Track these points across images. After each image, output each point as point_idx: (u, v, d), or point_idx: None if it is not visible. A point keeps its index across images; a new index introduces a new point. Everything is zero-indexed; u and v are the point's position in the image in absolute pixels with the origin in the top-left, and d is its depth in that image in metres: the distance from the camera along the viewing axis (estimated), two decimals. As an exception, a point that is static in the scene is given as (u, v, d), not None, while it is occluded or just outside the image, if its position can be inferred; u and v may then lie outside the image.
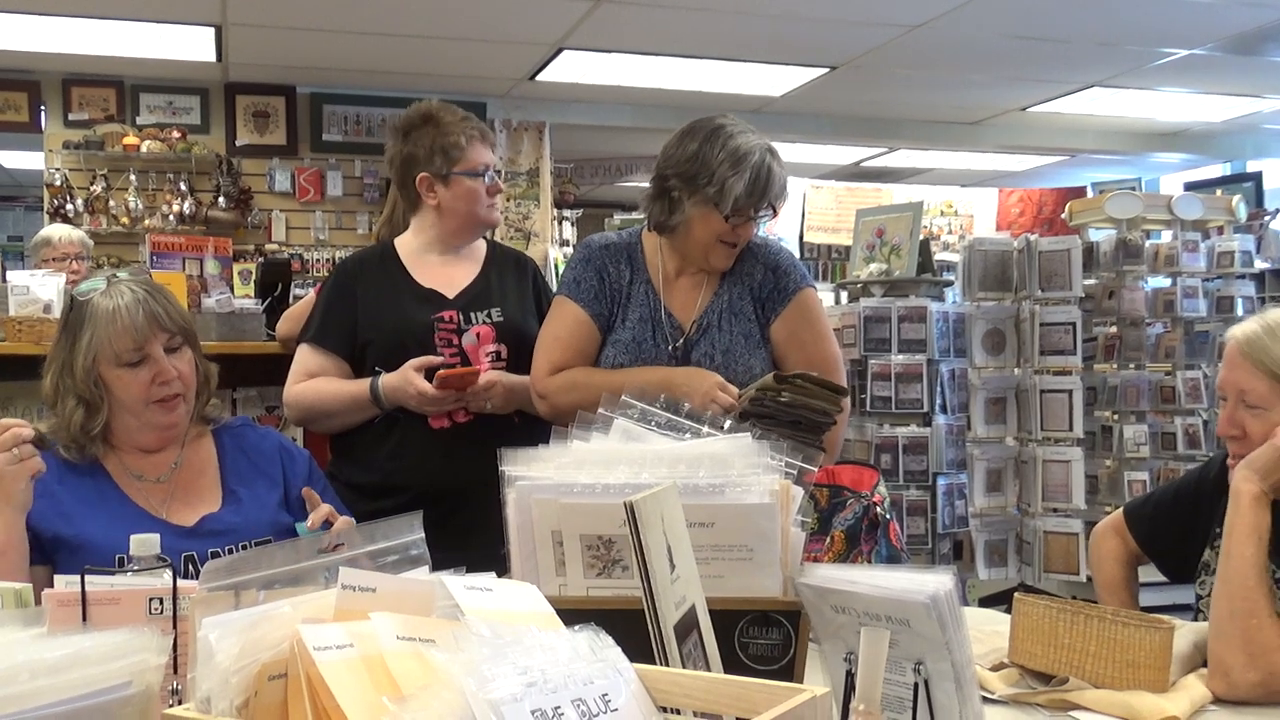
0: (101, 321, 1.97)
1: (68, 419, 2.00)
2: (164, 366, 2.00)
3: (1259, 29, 6.11)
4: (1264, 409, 1.80)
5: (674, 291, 2.43)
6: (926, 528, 4.86)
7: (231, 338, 3.36)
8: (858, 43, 6.38)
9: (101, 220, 6.80)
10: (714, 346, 2.37)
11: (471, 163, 2.62)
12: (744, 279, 2.42)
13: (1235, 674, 1.62)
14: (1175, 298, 5.50)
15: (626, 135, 8.42)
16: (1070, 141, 8.97)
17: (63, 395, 2.01)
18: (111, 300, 1.98)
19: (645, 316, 2.40)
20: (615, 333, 2.41)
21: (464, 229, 2.68)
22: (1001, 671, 1.69)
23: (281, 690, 0.96)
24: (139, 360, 1.99)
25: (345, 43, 6.32)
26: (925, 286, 4.99)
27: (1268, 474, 1.73)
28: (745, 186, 2.27)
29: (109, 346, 1.97)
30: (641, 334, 2.39)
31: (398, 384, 2.50)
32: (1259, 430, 1.80)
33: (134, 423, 2.03)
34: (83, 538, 1.92)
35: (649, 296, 2.42)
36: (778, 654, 1.39)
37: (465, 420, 2.57)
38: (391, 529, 1.22)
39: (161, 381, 2.00)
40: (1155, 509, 2.17)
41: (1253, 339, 1.82)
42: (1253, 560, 1.69)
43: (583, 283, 2.43)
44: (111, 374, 1.99)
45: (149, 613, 1.27)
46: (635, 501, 1.15)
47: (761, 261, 2.43)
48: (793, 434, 2.13)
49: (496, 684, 0.86)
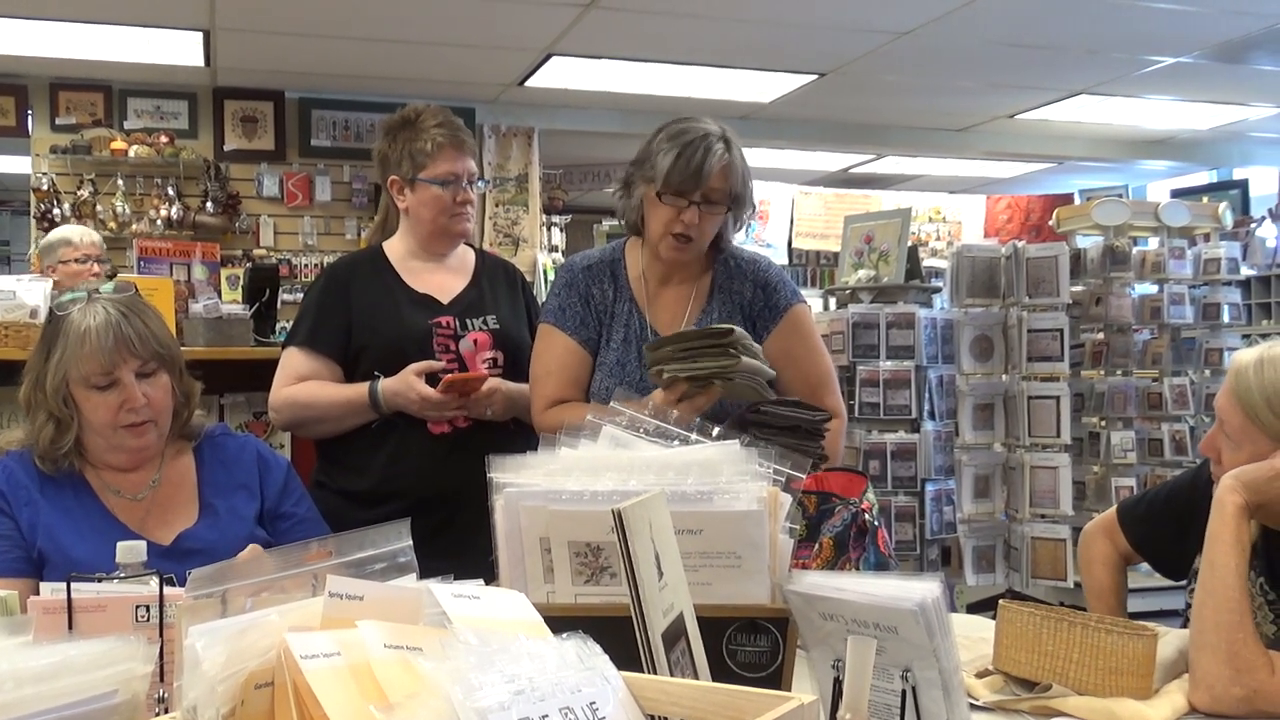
0: (72, 341, 1.92)
1: (38, 433, 1.96)
2: (132, 394, 1.94)
3: (1245, 37, 6.15)
4: (1236, 443, 1.82)
5: (658, 307, 2.37)
6: (915, 534, 4.87)
7: (219, 343, 3.35)
8: (846, 49, 6.40)
9: (89, 225, 6.76)
10: None
11: (438, 170, 2.56)
12: (733, 296, 2.36)
13: (1219, 688, 1.62)
14: (1162, 304, 5.52)
15: (615, 141, 8.42)
16: (1057, 148, 9.00)
17: (34, 409, 1.97)
18: (85, 319, 1.92)
19: (629, 337, 2.35)
20: (601, 354, 2.36)
21: (432, 236, 2.63)
22: (987, 678, 1.70)
23: (268, 699, 0.95)
24: (107, 384, 1.93)
25: (334, 48, 6.32)
26: (913, 293, 5.00)
27: (1254, 490, 1.73)
28: (673, 161, 2.21)
29: (77, 368, 1.92)
30: (625, 355, 2.33)
31: (398, 389, 2.47)
32: (1229, 460, 1.82)
33: (103, 443, 1.99)
34: (64, 553, 1.89)
35: (633, 314, 2.36)
36: (766, 661, 1.39)
37: (465, 426, 2.55)
38: (379, 536, 1.22)
39: (129, 408, 1.94)
40: (1149, 509, 2.17)
41: (1242, 372, 1.83)
42: (1236, 571, 1.69)
43: (567, 310, 2.37)
44: (80, 394, 1.95)
45: (135, 620, 1.27)
46: (623, 509, 1.15)
47: (751, 279, 2.38)
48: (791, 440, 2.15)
49: (484, 692, 0.85)
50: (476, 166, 2.69)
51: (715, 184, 2.24)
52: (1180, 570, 2.08)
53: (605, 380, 2.31)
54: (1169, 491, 2.16)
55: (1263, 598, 1.82)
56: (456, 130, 2.61)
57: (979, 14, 5.70)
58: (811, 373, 2.35)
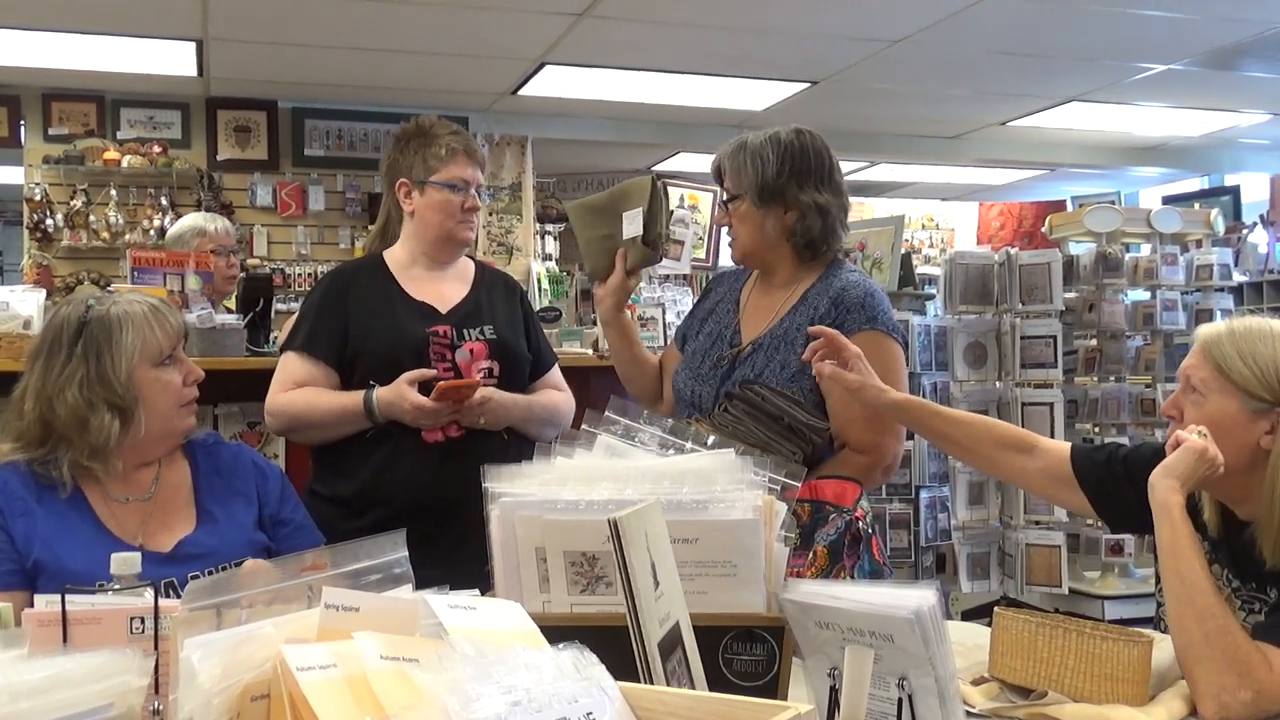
0: (134, 326, 1.99)
1: (104, 432, 1.95)
2: (191, 365, 2.08)
3: (1235, 45, 6.17)
4: (1202, 395, 1.82)
5: (750, 312, 2.46)
6: (909, 541, 4.88)
7: (213, 353, 3.34)
8: (839, 58, 6.42)
9: (82, 235, 6.76)
10: (751, 369, 2.33)
11: (449, 175, 2.61)
12: (811, 310, 2.35)
13: (1227, 695, 1.61)
14: (1155, 310, 5.53)
15: (609, 150, 8.44)
16: (1050, 155, 9.03)
17: (94, 408, 1.94)
18: (126, 308, 2.00)
19: (718, 332, 2.46)
20: (689, 344, 2.52)
21: (438, 242, 2.66)
22: (982, 686, 1.70)
23: (264, 711, 0.95)
24: (172, 360, 2.04)
25: (327, 57, 6.32)
26: (907, 300, 5.02)
27: (1188, 479, 1.74)
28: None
29: (149, 346, 2.00)
30: (704, 345, 2.46)
31: (392, 398, 2.48)
32: (1192, 416, 1.82)
33: (160, 429, 2.03)
34: (59, 564, 1.88)
35: (729, 315, 2.48)
36: (762, 670, 1.39)
37: (458, 435, 2.56)
38: (375, 548, 1.22)
39: (192, 380, 2.07)
40: (1109, 459, 2.09)
41: (1211, 333, 1.85)
42: (1204, 573, 1.69)
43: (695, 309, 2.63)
44: (149, 377, 2.00)
45: (130, 633, 1.27)
46: (619, 519, 1.15)
47: (830, 296, 2.34)
48: (768, 431, 2.17)
49: (481, 703, 0.85)
50: (484, 181, 2.75)
51: (728, 184, 2.39)
52: (1120, 522, 2.06)
53: (682, 368, 2.48)
54: (1128, 453, 2.11)
55: (1229, 589, 1.82)
56: (469, 140, 2.69)
57: (971, 22, 5.72)
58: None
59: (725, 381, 2.35)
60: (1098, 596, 5.23)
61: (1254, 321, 1.84)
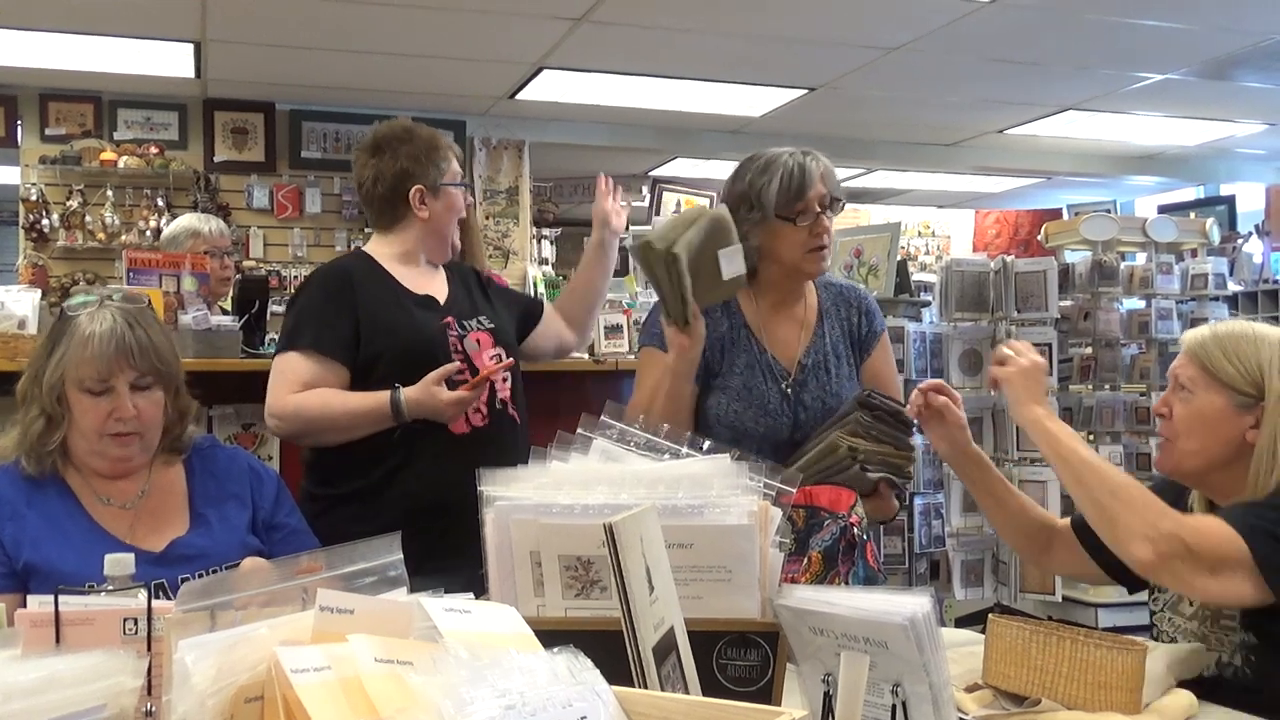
0: (75, 343, 1.94)
1: (28, 427, 1.98)
2: (123, 404, 1.96)
3: (1231, 55, 6.19)
4: (1190, 392, 1.91)
5: (773, 335, 2.46)
6: (904, 547, 4.88)
7: (208, 355, 3.34)
8: (836, 64, 6.43)
9: (78, 236, 6.76)
10: (825, 389, 2.42)
11: (455, 173, 2.73)
12: (840, 322, 2.51)
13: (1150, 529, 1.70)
14: (1150, 319, 5.54)
15: (606, 154, 8.44)
16: (1046, 164, 9.05)
17: (29, 403, 1.99)
18: (91, 325, 1.95)
19: (751, 362, 2.42)
20: (723, 379, 2.40)
21: (446, 240, 2.73)
22: (976, 693, 1.70)
23: (258, 713, 0.95)
24: (101, 391, 1.95)
25: (325, 60, 6.32)
26: (902, 306, 5.02)
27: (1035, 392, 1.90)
28: (782, 182, 2.34)
29: (75, 370, 1.94)
30: (751, 379, 2.40)
31: (421, 398, 2.47)
32: (1179, 412, 1.92)
33: (87, 447, 1.99)
34: (51, 564, 1.89)
35: (751, 342, 2.44)
36: (756, 675, 1.39)
37: (482, 425, 2.59)
38: (370, 550, 1.21)
39: (118, 417, 1.96)
40: None
41: (1196, 336, 1.96)
42: (1091, 451, 1.82)
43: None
44: (74, 396, 1.96)
45: (124, 633, 1.26)
46: (614, 523, 1.15)
47: (855, 306, 2.53)
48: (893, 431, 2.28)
49: (475, 707, 0.85)
50: None
51: (824, 188, 2.38)
52: (1132, 575, 2.07)
53: (734, 404, 2.39)
54: None
55: None
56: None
57: (968, 30, 5.73)
58: (892, 389, 2.49)
59: (798, 407, 2.39)
60: (1091, 604, 5.23)
61: (1235, 324, 1.95)
